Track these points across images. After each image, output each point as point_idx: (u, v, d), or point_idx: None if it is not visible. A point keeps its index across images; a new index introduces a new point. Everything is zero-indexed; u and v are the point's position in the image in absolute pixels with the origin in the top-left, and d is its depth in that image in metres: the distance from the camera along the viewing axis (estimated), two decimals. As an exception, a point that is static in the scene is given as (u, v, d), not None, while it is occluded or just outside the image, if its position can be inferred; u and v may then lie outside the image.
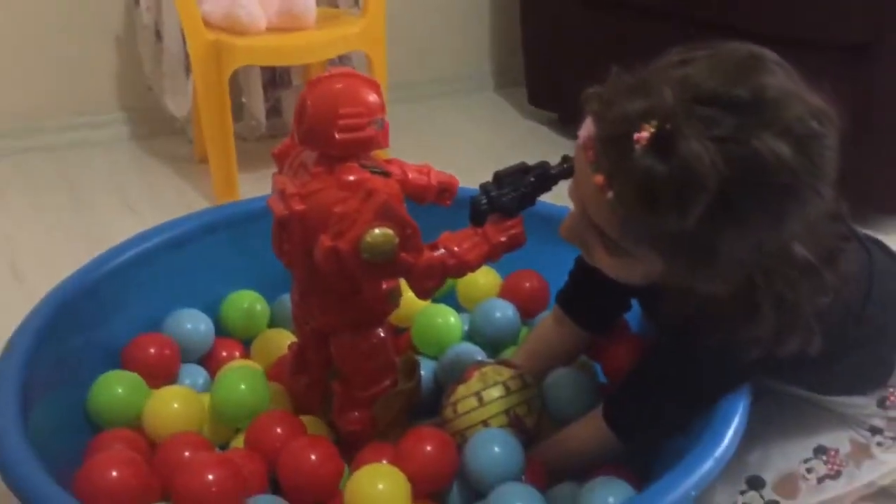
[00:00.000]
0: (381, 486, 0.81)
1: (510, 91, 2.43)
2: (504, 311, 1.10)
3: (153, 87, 1.95)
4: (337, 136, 0.80)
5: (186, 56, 1.77)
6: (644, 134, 0.64)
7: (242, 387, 0.95)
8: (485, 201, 0.84)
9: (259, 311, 1.11)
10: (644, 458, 0.92)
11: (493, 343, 1.08)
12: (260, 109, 2.02)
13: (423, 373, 1.00)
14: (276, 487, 0.89)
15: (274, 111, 2.08)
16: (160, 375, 1.00)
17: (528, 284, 1.13)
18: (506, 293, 1.14)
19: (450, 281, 1.10)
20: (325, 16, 1.84)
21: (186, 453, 0.86)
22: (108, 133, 2.08)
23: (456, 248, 0.84)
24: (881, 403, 0.90)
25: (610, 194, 0.68)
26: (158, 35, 1.85)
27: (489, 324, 1.09)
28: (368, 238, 0.77)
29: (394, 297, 0.89)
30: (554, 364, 1.00)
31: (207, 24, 1.69)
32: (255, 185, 1.71)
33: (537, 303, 1.13)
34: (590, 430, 0.89)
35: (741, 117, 0.64)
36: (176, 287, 1.08)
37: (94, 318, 0.99)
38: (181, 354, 1.05)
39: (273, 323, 1.13)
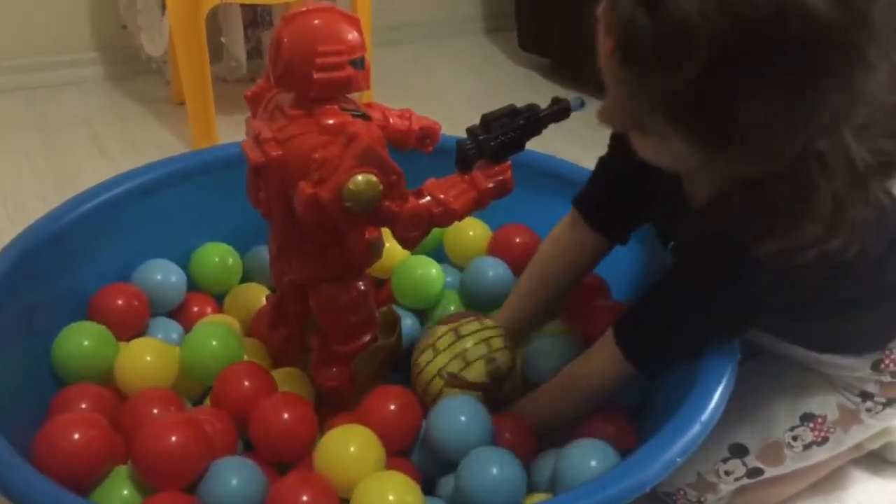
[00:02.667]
0: (352, 448, 0.78)
1: (500, 35, 2.35)
2: (496, 270, 1.05)
3: (127, 26, 1.87)
4: (315, 75, 0.74)
5: (162, -8, 1.70)
6: None
7: (214, 342, 0.91)
8: (472, 145, 0.80)
9: (231, 264, 1.06)
10: (635, 412, 0.90)
11: (485, 304, 1.04)
12: (241, 50, 1.94)
13: (403, 327, 0.96)
14: (247, 444, 0.86)
15: (255, 52, 2.00)
16: (129, 327, 0.96)
17: (518, 239, 1.09)
18: (495, 248, 1.10)
19: (437, 233, 1.07)
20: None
21: (155, 411, 0.82)
22: (82, 73, 1.99)
23: (442, 196, 0.79)
24: (875, 366, 0.86)
25: (618, 58, 0.61)
26: (132, -30, 1.77)
27: (481, 283, 1.05)
28: (351, 185, 0.72)
29: (376, 247, 0.87)
30: (562, 280, 0.96)
31: (183, -41, 1.61)
32: (236, 129, 1.64)
33: (529, 258, 1.08)
34: (598, 361, 0.84)
35: None
36: (146, 237, 1.03)
37: (59, 268, 0.94)
38: (151, 307, 1.00)
39: (246, 277, 1.09)
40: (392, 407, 0.85)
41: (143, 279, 1.01)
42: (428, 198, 0.79)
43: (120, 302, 0.97)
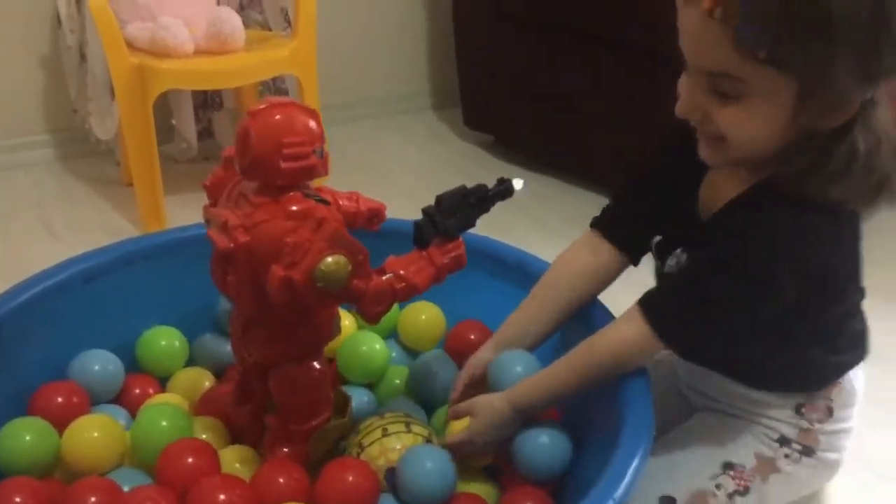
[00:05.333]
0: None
1: (448, 111, 2.43)
2: (445, 369, 1.06)
3: (78, 110, 1.90)
4: (282, 165, 0.79)
5: (111, 78, 1.73)
6: None
7: (164, 422, 0.92)
8: (428, 224, 0.87)
9: (178, 347, 1.08)
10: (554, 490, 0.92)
11: (429, 399, 1.05)
12: (191, 131, 1.98)
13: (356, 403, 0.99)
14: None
15: (206, 133, 2.05)
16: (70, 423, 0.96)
17: (472, 336, 1.09)
18: (451, 341, 1.12)
19: (393, 315, 1.11)
20: (255, 38, 1.82)
21: (92, 499, 0.82)
22: (33, 155, 2.01)
23: (403, 272, 0.84)
24: (797, 410, 0.92)
25: (718, 12, 0.69)
26: (83, 56, 1.80)
27: (427, 379, 1.06)
28: (323, 266, 0.77)
29: (337, 325, 0.91)
30: (576, 298, 0.98)
31: (132, 46, 1.65)
32: (186, 209, 1.67)
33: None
34: (620, 331, 0.86)
35: None
36: (89, 323, 1.04)
37: (-1, 359, 0.95)
38: (92, 398, 1.00)
39: (192, 362, 1.10)
40: (350, 478, 0.85)
41: (80, 370, 1.01)
42: (390, 274, 0.84)
43: (60, 400, 0.97)
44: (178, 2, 1.70)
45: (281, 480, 0.85)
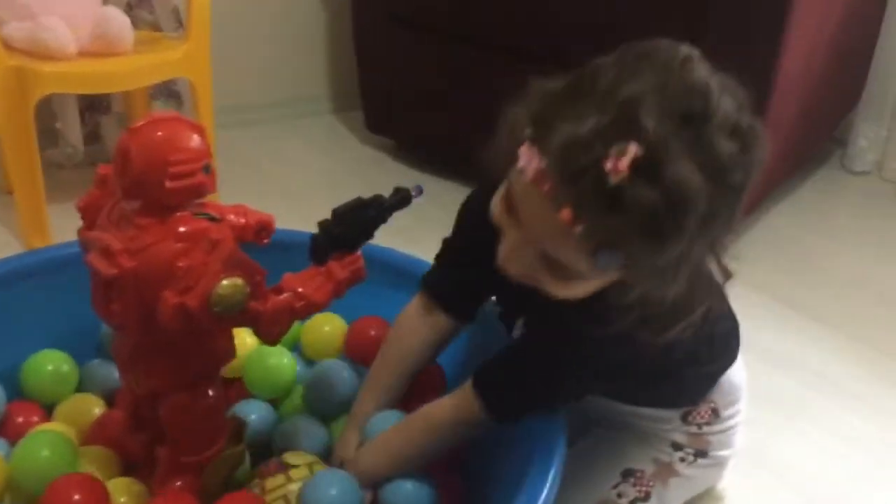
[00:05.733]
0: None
1: (349, 115, 2.39)
2: (340, 375, 1.04)
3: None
4: (168, 184, 0.74)
5: (-11, 80, 1.63)
6: (624, 161, 0.60)
7: (45, 453, 0.87)
8: (325, 239, 0.85)
9: (66, 372, 1.02)
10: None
11: (328, 408, 1.03)
12: (77, 136, 1.89)
13: (253, 417, 0.98)
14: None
15: (93, 137, 1.95)
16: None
17: (373, 332, 1.08)
18: (351, 340, 1.10)
19: (295, 329, 1.08)
20: (145, 39, 1.74)
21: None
22: None
23: (301, 290, 0.81)
24: (684, 418, 0.95)
25: (579, 229, 0.64)
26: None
27: (325, 388, 1.04)
28: (219, 290, 0.73)
29: (232, 347, 0.87)
30: (415, 367, 0.97)
31: (10, 47, 1.55)
32: (71, 219, 1.57)
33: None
34: (453, 400, 0.86)
35: (700, 125, 0.63)
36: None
37: None
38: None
39: (81, 388, 1.04)
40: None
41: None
42: (289, 293, 0.81)
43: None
44: (60, 0, 1.61)
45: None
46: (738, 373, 0.97)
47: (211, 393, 0.85)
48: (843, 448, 1.22)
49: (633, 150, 0.60)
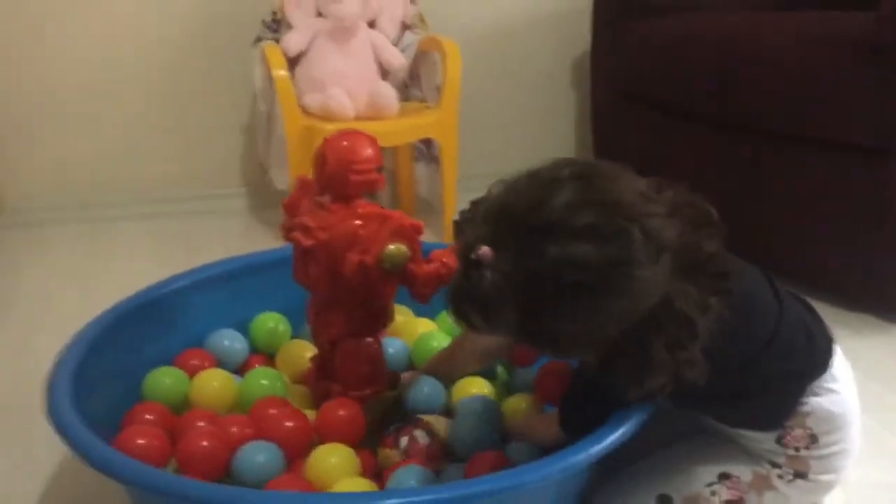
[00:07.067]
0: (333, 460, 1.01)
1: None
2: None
3: (263, 163, 2.29)
4: (352, 178, 1.05)
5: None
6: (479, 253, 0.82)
7: (263, 381, 1.18)
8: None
9: (282, 329, 1.33)
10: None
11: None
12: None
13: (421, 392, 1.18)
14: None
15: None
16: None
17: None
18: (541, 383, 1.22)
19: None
20: (411, 109, 2.14)
21: (200, 423, 1.08)
22: (229, 203, 2.45)
23: (446, 260, 1.06)
24: (779, 440, 0.98)
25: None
26: (270, 120, 2.19)
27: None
28: (388, 251, 1.02)
29: (391, 313, 1.14)
30: (472, 364, 1.19)
31: (307, 112, 2.01)
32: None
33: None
34: (546, 424, 1.06)
35: (533, 235, 0.81)
36: (217, 311, 1.32)
37: (151, 332, 1.24)
38: (222, 366, 1.26)
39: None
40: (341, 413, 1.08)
41: (214, 344, 1.29)
42: (437, 262, 1.06)
43: (194, 362, 1.25)
44: (345, 77, 2.05)
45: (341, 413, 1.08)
46: (836, 403, 0.98)
47: (373, 344, 1.11)
48: None
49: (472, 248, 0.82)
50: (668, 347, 0.85)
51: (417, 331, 1.32)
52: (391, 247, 1.02)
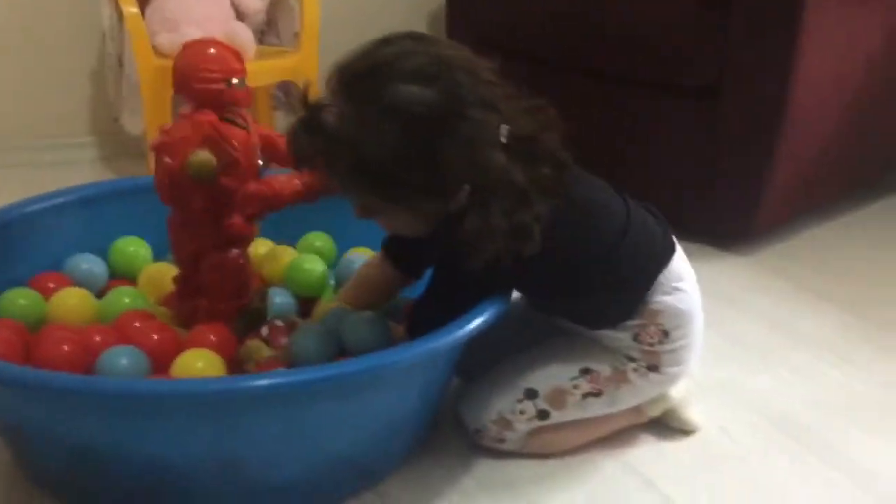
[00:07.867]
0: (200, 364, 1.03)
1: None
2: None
3: (114, 109, 2.21)
4: (195, 86, 1.05)
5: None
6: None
7: (126, 299, 1.19)
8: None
9: (143, 253, 1.33)
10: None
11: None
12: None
13: (277, 300, 1.23)
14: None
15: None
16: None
17: None
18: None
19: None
20: (268, 52, 2.13)
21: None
22: (79, 154, 2.34)
23: (273, 184, 1.08)
24: (635, 338, 1.07)
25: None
26: (120, 62, 2.11)
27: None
28: (191, 158, 1.00)
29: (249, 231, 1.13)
30: (375, 298, 1.19)
31: (160, 53, 1.96)
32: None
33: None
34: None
35: (364, 81, 0.89)
36: (76, 236, 1.30)
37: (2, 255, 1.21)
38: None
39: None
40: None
41: (72, 268, 1.27)
42: (264, 185, 1.08)
43: (51, 285, 1.22)
44: (200, 17, 2.01)
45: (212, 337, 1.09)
46: (683, 301, 1.08)
47: (236, 257, 1.12)
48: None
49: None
50: (505, 213, 0.92)
51: (283, 259, 1.33)
52: (198, 153, 1.00)
